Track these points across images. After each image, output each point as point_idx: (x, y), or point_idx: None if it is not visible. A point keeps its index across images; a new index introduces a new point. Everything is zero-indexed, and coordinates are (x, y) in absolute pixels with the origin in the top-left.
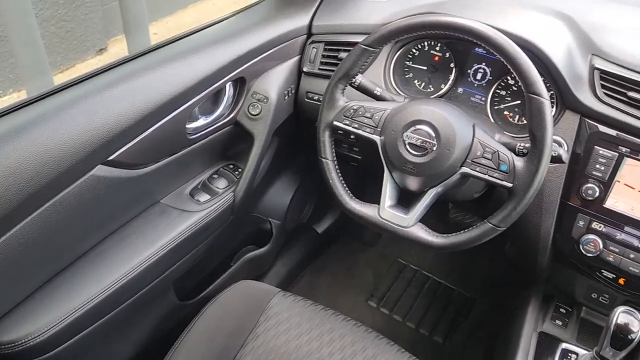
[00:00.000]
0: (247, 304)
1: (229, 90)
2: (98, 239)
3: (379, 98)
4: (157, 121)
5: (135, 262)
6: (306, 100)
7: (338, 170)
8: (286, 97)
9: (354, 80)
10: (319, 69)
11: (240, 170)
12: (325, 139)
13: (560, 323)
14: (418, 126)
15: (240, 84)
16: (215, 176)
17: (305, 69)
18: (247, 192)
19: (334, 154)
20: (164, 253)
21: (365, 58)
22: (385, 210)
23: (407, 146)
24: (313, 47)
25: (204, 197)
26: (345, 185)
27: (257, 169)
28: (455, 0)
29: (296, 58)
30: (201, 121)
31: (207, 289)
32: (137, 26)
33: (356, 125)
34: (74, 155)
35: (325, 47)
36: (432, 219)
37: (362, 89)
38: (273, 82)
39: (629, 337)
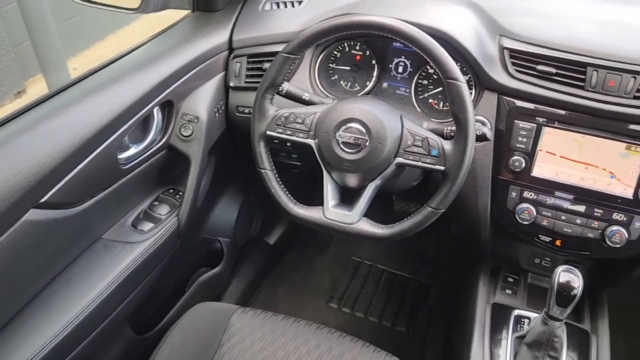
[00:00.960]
0: (208, 326)
1: (157, 115)
2: (42, 284)
3: (308, 103)
4: (86, 156)
5: (84, 303)
6: (237, 114)
7: (278, 179)
8: (217, 115)
9: (280, 88)
10: (245, 82)
11: (181, 193)
12: (261, 149)
13: (510, 292)
14: (349, 124)
15: (168, 107)
16: (156, 203)
17: (231, 84)
18: (191, 214)
19: (272, 164)
20: (113, 289)
21: (288, 66)
22: (329, 211)
23: (341, 145)
24: (236, 62)
25: (147, 226)
26: (287, 192)
27: (198, 189)
28: (369, 1)
29: (221, 74)
30: (133, 150)
31: (164, 318)
32: (54, 64)
33: (289, 132)
34: (3, 202)
35: (249, 60)
36: (378, 212)
37: (290, 96)
38: (201, 101)
39: (572, 293)
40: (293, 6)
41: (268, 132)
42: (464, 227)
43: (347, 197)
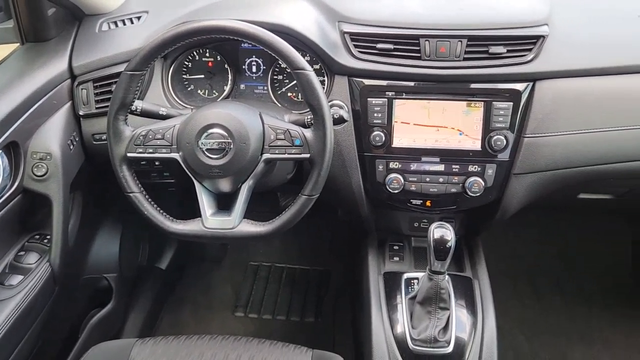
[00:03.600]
0: None
1: (1, 159)
2: None
3: (166, 117)
4: None
5: None
6: (94, 143)
7: (150, 199)
8: (72, 147)
9: (133, 107)
10: (97, 108)
11: (49, 237)
12: (125, 173)
13: (397, 259)
14: (209, 130)
15: (13, 148)
16: (22, 253)
17: (81, 113)
18: (64, 257)
19: (140, 186)
20: None
21: (135, 84)
22: (208, 220)
23: (206, 152)
24: (82, 89)
25: (16, 279)
26: (161, 211)
27: (67, 229)
28: (209, 6)
29: (68, 104)
30: None
31: None
32: None
33: (151, 150)
34: None
35: (95, 84)
36: (266, 213)
37: (146, 114)
38: (51, 136)
39: (447, 246)
40: (132, 22)
41: (128, 154)
42: (344, 209)
43: (227, 203)
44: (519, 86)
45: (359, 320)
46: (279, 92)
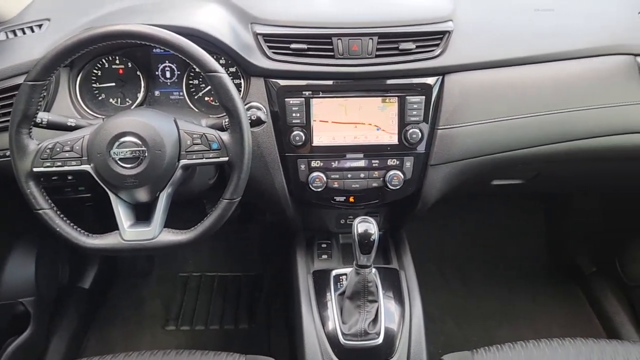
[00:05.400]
0: None
1: None
2: None
3: (75, 129)
4: None
5: None
6: None
7: (62, 215)
8: None
9: (38, 120)
10: None
11: None
12: (32, 189)
13: (326, 257)
14: (121, 139)
15: None
16: None
17: None
18: None
19: (50, 202)
20: None
21: (37, 95)
22: (127, 232)
23: (119, 162)
24: None
25: None
26: (75, 226)
27: None
28: (117, 12)
29: None
30: None
31: None
32: None
33: (59, 164)
34: None
35: None
36: (193, 222)
37: (53, 126)
38: None
39: (371, 239)
40: (33, 31)
41: (35, 169)
42: (270, 210)
43: (148, 213)
44: (430, 80)
45: (292, 321)
46: (196, 97)
